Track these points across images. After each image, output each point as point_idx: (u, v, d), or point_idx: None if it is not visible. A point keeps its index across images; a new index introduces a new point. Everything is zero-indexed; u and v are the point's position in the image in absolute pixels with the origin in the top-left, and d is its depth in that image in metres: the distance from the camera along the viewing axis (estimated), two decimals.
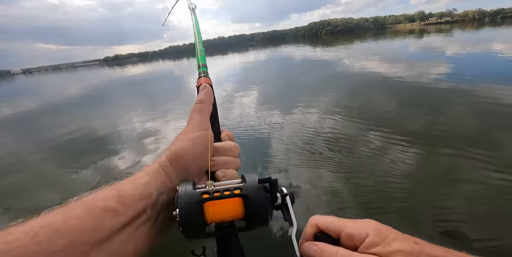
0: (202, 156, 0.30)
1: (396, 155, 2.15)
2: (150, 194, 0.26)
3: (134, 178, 0.27)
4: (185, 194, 0.24)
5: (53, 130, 4.42)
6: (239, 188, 0.25)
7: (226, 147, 0.34)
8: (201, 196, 0.24)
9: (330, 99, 4.08)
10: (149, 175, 0.28)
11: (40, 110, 6.93)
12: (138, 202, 0.25)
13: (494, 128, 2.48)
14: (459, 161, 1.98)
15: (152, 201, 0.26)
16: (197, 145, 0.30)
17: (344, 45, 17.11)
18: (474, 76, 4.48)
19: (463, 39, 13.61)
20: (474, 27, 28.06)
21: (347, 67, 7.28)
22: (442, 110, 3.09)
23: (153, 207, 0.26)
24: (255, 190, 0.25)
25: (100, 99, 7.84)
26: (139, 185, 0.26)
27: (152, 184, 0.27)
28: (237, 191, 0.25)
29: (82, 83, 15.12)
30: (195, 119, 0.32)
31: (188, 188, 0.25)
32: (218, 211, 0.24)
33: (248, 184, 0.26)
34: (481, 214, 1.46)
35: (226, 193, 0.25)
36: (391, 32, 38.65)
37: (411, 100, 3.60)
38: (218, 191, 0.25)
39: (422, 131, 2.56)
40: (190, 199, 0.24)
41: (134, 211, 0.24)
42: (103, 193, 0.24)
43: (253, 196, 0.25)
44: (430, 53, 8.79)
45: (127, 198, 0.24)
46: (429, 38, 16.92)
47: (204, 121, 0.32)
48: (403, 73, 5.43)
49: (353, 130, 2.78)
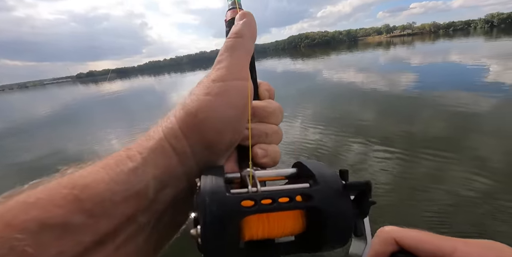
0: (237, 122, 0.19)
1: (375, 160, 2.20)
2: (141, 190, 0.15)
3: (113, 163, 0.16)
4: (213, 200, 0.14)
5: (18, 154, 3.94)
6: (306, 194, 0.15)
7: (269, 109, 0.22)
8: (240, 204, 0.14)
9: (310, 110, 4.14)
10: (143, 154, 0.16)
11: (4, 133, 6.23)
12: (117, 207, 0.14)
13: (459, 130, 2.66)
14: (434, 164, 2.06)
15: (146, 201, 0.16)
16: (229, 104, 0.18)
17: (322, 58, 18.15)
18: (436, 83, 4.88)
19: (425, 50, 15.10)
20: (432, 39, 31.46)
21: (325, 78, 7.59)
22: (412, 116, 3.27)
23: (148, 211, 0.16)
24: (338, 202, 0.15)
25: (73, 119, 7.28)
26: (120, 174, 0.15)
27: (148, 171, 0.16)
28: (299, 198, 0.15)
29: (50, 102, 14.11)
30: (228, 61, 0.20)
31: (217, 185, 0.15)
32: (264, 227, 0.15)
33: (322, 189, 0.15)
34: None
35: (284, 201, 0.15)
36: (363, 44, 42.19)
37: (385, 108, 3.78)
38: (269, 197, 0.14)
39: (395, 136, 2.68)
40: (223, 211, 0.14)
41: (108, 222, 0.14)
42: (46, 193, 0.14)
43: (334, 211, 0.15)
44: (398, 64, 9.55)
45: (94, 200, 0.14)
46: (396, 50, 18.58)
47: (243, 65, 0.20)
48: (376, 82, 5.77)
49: (332, 139, 2.82)
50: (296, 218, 0.16)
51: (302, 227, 0.16)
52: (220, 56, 0.20)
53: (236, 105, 0.19)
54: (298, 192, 0.15)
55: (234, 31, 0.21)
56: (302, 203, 0.15)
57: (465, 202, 1.61)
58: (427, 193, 1.74)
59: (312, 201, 0.15)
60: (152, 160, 0.16)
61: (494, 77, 5.01)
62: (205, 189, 0.14)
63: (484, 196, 1.63)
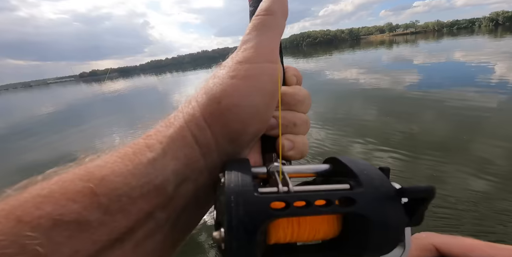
0: (264, 110, 0.17)
1: (377, 160, 2.17)
2: (160, 184, 0.14)
3: (132, 152, 0.14)
4: (240, 201, 0.12)
5: (23, 154, 3.97)
6: (347, 197, 0.13)
7: (299, 96, 0.20)
8: (269, 205, 0.12)
9: (312, 109, 4.12)
10: (163, 144, 0.15)
11: (7, 133, 6.29)
12: (135, 203, 0.13)
13: (464, 130, 2.61)
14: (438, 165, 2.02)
15: (165, 196, 0.14)
16: (258, 90, 0.16)
17: (324, 57, 18.02)
18: (440, 82, 4.81)
19: (428, 49, 14.93)
20: (435, 37, 31.12)
21: (327, 77, 7.55)
22: (415, 116, 3.22)
23: (167, 207, 0.15)
24: (386, 209, 0.13)
25: (76, 118, 7.33)
26: (138, 165, 0.14)
27: (168, 163, 0.14)
28: (337, 202, 0.13)
29: (55, 101, 14.21)
30: (256, 41, 0.17)
31: (244, 184, 0.13)
32: (294, 232, 0.13)
33: (367, 193, 0.13)
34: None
35: (319, 204, 0.13)
36: (365, 43, 41.73)
37: (387, 107, 3.72)
38: (303, 199, 0.13)
39: (397, 135, 2.64)
40: (251, 215, 0.12)
41: (126, 219, 0.13)
42: (60, 186, 0.12)
43: (380, 219, 0.13)
44: (401, 63, 9.46)
45: (109, 196, 0.13)
46: (399, 48, 18.38)
47: (274, 46, 0.18)
48: (378, 81, 5.72)
49: (334, 138, 2.79)
50: (331, 223, 0.14)
51: (336, 232, 0.14)
52: (247, 35, 0.18)
53: (264, 91, 0.16)
54: (338, 195, 0.13)
55: (264, 7, 0.18)
56: (342, 208, 0.13)
57: (469, 205, 1.58)
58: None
59: (356, 206, 0.13)
60: (172, 151, 0.15)
61: (499, 75, 4.94)
62: (231, 188, 0.13)
63: (488, 198, 1.60)
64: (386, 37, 77.38)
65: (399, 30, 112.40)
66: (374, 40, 59.86)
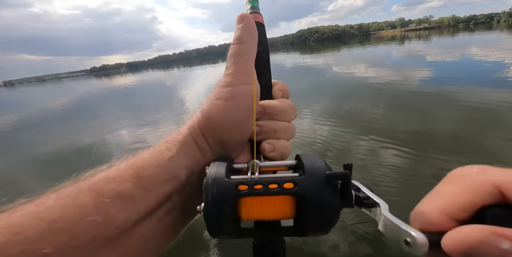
0: (243, 122, 0.21)
1: (388, 159, 2.15)
2: (177, 173, 0.20)
3: (158, 151, 0.20)
4: (214, 183, 0.17)
5: (38, 146, 4.16)
6: (292, 181, 0.17)
7: (280, 107, 0.24)
8: (236, 188, 0.17)
9: (318, 105, 4.10)
10: (176, 146, 0.20)
11: (22, 125, 6.57)
12: (162, 185, 0.19)
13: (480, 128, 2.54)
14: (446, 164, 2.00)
15: (179, 184, 0.20)
16: (236, 108, 0.21)
17: (332, 52, 17.68)
18: (454, 79, 4.67)
19: (442, 44, 14.40)
20: (451, 33, 29.89)
21: (335, 73, 7.44)
22: (426, 113, 3.16)
23: (180, 193, 0.20)
24: (319, 190, 0.17)
25: (88, 111, 7.56)
26: (163, 161, 0.19)
27: (181, 160, 0.20)
28: (288, 185, 0.17)
29: (68, 94, 14.64)
30: (233, 68, 0.22)
31: (219, 173, 0.18)
32: (258, 209, 0.18)
33: (307, 178, 0.17)
34: None
35: (272, 187, 0.17)
36: (376, 38, 40.52)
37: (397, 104, 3.67)
38: (260, 183, 0.17)
39: (410, 134, 2.59)
40: (220, 193, 0.17)
41: (156, 197, 0.18)
42: (119, 172, 0.18)
43: (316, 199, 0.17)
44: (412, 59, 9.19)
45: (148, 179, 0.18)
46: (410, 44, 17.80)
47: (247, 69, 0.22)
48: (388, 77, 5.60)
49: (341, 135, 2.78)
50: (285, 203, 0.18)
51: (292, 212, 0.18)
52: (227, 63, 0.23)
53: (242, 108, 0.21)
54: (287, 180, 0.17)
55: (235, 37, 0.23)
56: (289, 190, 0.17)
57: None
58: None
59: (297, 188, 0.17)
60: (183, 151, 0.21)
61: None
62: (209, 175, 0.18)
63: None
64: (397, 33, 74.92)
65: (412, 25, 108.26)
66: (385, 35, 58.02)
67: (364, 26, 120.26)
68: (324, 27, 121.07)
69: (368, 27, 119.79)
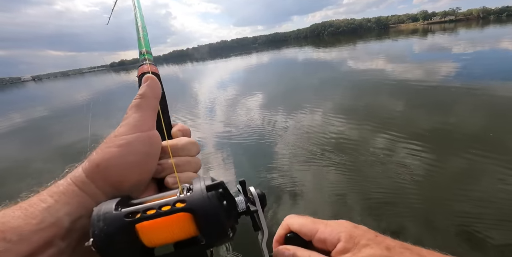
0: (141, 165, 0.23)
1: (408, 157, 2.09)
2: (56, 221, 0.19)
3: (26, 205, 0.20)
4: (100, 218, 0.18)
5: (58, 137, 4.49)
6: (182, 199, 0.19)
7: (179, 145, 0.27)
8: (126, 217, 0.18)
9: (334, 101, 4.04)
10: (53, 197, 0.21)
11: (47, 116, 7.06)
12: (35, 234, 0.18)
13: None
14: (475, 163, 1.91)
15: (62, 229, 0.20)
16: (130, 152, 0.23)
17: (347, 46, 17.06)
18: (481, 74, 4.39)
19: (468, 37, 13.39)
20: (480, 25, 27.66)
21: (350, 68, 7.23)
22: (454, 109, 3.01)
23: (67, 237, 0.20)
24: (203, 201, 0.19)
25: (105, 104, 7.95)
26: (35, 211, 0.19)
27: (60, 208, 0.20)
28: (179, 205, 0.19)
29: (91, 88, 15.36)
30: (132, 117, 0.24)
31: (106, 208, 0.19)
32: (157, 233, 0.18)
33: (194, 194, 0.19)
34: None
35: (165, 209, 0.18)
36: (395, 31, 38.37)
37: (421, 101, 3.52)
38: (152, 208, 0.19)
39: (433, 132, 2.48)
40: (108, 224, 0.18)
41: (28, 246, 0.18)
42: None
43: (202, 209, 0.19)
44: (435, 53, 8.67)
45: (12, 231, 0.18)
46: (434, 37, 16.72)
47: (145, 119, 0.25)
48: (408, 72, 5.35)
49: (361, 133, 2.72)
50: (184, 220, 0.19)
51: (194, 229, 0.19)
52: (126, 114, 0.25)
53: (137, 152, 0.23)
54: (178, 200, 0.19)
55: (139, 92, 0.26)
56: (177, 208, 0.18)
57: (503, 205, 1.47)
58: (462, 191, 1.62)
59: (186, 205, 0.19)
60: (63, 200, 0.20)
61: None
62: (94, 212, 0.19)
63: None
64: (419, 26, 70.39)
65: (436, 18, 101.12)
66: (405, 28, 54.74)
67: (382, 19, 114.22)
68: (339, 20, 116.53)
69: (387, 20, 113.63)
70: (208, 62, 22.72)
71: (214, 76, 10.88)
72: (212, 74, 11.85)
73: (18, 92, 25.40)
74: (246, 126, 3.45)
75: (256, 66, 12.84)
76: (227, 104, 4.92)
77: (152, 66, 0.29)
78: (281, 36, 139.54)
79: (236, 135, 3.21)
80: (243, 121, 3.71)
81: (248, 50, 41.44)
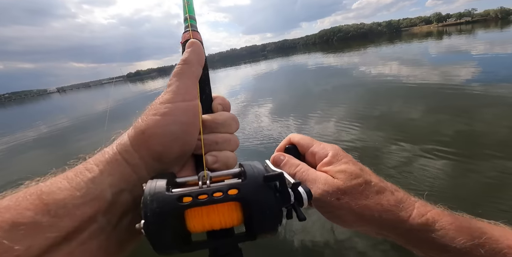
0: (183, 136, 0.22)
1: (430, 166, 1.93)
2: (100, 194, 0.18)
3: (72, 174, 0.19)
4: (153, 198, 0.17)
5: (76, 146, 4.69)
6: (235, 187, 0.18)
7: (219, 120, 0.25)
8: (178, 201, 0.17)
9: (346, 107, 3.92)
10: (99, 166, 0.20)
11: (69, 126, 7.44)
12: (78, 208, 0.17)
13: None
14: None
15: (104, 203, 0.19)
16: (175, 122, 0.21)
17: (356, 51, 16.85)
18: (504, 75, 4.09)
19: (488, 38, 12.75)
20: (499, 26, 26.37)
21: (362, 73, 7.06)
22: (470, 114, 2.80)
23: (108, 212, 0.19)
24: (260, 192, 0.18)
25: (119, 115, 8.28)
26: (80, 182, 0.18)
27: (104, 179, 0.19)
28: (232, 192, 0.18)
29: (106, 99, 16.19)
30: (175, 85, 0.23)
31: (159, 187, 0.18)
32: (205, 219, 0.18)
33: (248, 182, 0.18)
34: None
35: (217, 196, 0.17)
36: (407, 35, 37.57)
37: (436, 105, 3.32)
38: (204, 193, 0.17)
39: (455, 138, 2.31)
40: (161, 207, 0.17)
41: (72, 221, 0.17)
42: (18, 200, 0.17)
43: (257, 200, 0.18)
44: (453, 55, 8.29)
45: (56, 204, 0.17)
46: (450, 40, 16.11)
47: (189, 88, 0.23)
48: (424, 76, 5.12)
49: (375, 140, 2.58)
50: (232, 209, 0.18)
51: (239, 218, 0.18)
52: (169, 81, 0.24)
53: (181, 122, 0.22)
54: (230, 187, 0.18)
55: (182, 58, 0.24)
56: (231, 195, 0.17)
57: None
58: (489, 203, 1.50)
59: (240, 193, 0.18)
60: (107, 170, 0.20)
61: None
62: (147, 192, 0.18)
63: None
64: (433, 28, 68.42)
65: (451, 20, 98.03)
66: (419, 31, 53.42)
67: (393, 23, 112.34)
68: (349, 25, 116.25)
69: (399, 24, 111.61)
70: (218, 70, 23.32)
71: (225, 83, 11.07)
72: (222, 82, 12.08)
73: (44, 104, 27.31)
74: (256, 133, 3.41)
75: (265, 74, 12.95)
76: (238, 110, 4.92)
77: (195, 33, 0.27)
78: (289, 43, 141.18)
79: (245, 140, 3.17)
80: (253, 127, 3.67)
81: (256, 58, 42.19)
